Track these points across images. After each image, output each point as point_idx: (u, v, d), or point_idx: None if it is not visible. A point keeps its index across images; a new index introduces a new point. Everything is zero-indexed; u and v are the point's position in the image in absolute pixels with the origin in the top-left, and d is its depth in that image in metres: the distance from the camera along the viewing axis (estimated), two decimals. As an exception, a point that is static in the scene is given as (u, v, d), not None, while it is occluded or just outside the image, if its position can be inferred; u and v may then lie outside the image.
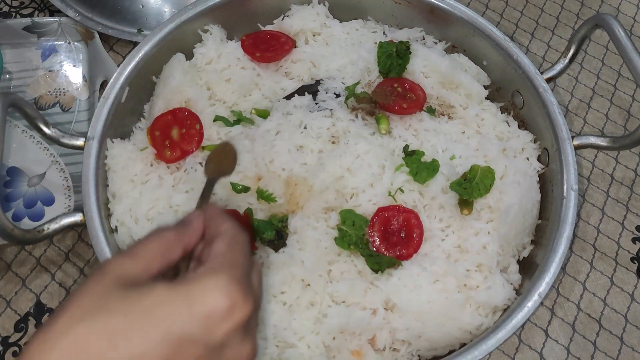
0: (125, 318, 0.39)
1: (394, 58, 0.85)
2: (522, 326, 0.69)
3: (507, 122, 0.86)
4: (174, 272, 0.50)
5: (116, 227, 0.76)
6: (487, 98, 0.88)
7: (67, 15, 0.99)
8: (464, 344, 0.71)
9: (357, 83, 0.85)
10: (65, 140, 0.76)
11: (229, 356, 0.43)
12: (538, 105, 0.83)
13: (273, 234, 0.72)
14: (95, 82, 0.98)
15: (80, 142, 0.77)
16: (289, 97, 0.84)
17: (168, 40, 0.86)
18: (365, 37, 0.91)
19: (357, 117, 0.81)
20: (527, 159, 0.83)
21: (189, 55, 0.88)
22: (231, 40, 0.91)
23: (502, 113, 0.88)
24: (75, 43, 1.01)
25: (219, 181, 0.75)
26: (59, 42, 1.01)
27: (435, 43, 0.92)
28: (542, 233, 0.79)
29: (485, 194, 0.76)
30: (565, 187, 0.77)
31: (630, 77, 1.08)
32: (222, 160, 0.59)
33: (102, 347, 0.38)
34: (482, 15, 0.89)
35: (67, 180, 0.90)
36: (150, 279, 0.44)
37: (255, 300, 0.46)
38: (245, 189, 0.75)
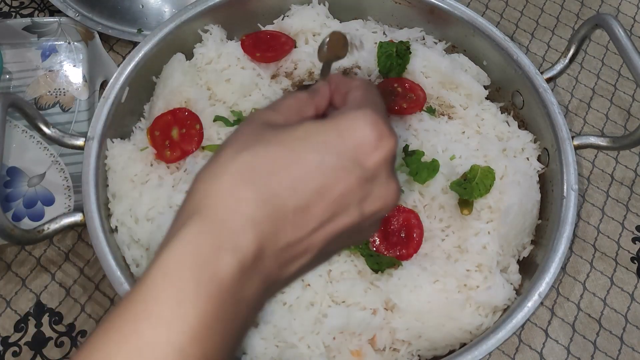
0: (282, 147, 0.41)
1: (394, 58, 0.85)
2: (522, 326, 0.69)
3: (507, 122, 0.86)
4: None
5: (116, 227, 0.76)
6: (487, 98, 0.88)
7: (67, 15, 0.99)
8: (464, 344, 0.71)
9: (357, 83, 0.85)
10: (65, 140, 0.76)
11: (377, 193, 0.43)
12: (538, 105, 0.83)
13: (273, 234, 0.72)
14: (95, 82, 0.97)
15: (80, 142, 0.77)
16: (289, 97, 0.84)
17: (168, 40, 0.86)
18: (365, 37, 0.91)
19: (357, 117, 0.81)
20: (527, 159, 0.83)
21: (189, 55, 0.88)
22: (231, 40, 0.91)
23: (502, 113, 0.88)
24: (75, 43, 1.01)
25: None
26: (59, 42, 1.01)
27: (435, 43, 0.92)
28: (542, 233, 0.79)
29: (485, 194, 0.75)
30: (565, 187, 0.77)
31: (630, 77, 1.08)
32: (334, 45, 0.58)
33: (266, 171, 0.40)
34: (482, 15, 0.89)
35: (67, 180, 0.90)
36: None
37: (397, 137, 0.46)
38: (245, 189, 0.74)
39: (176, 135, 0.79)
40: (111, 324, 0.36)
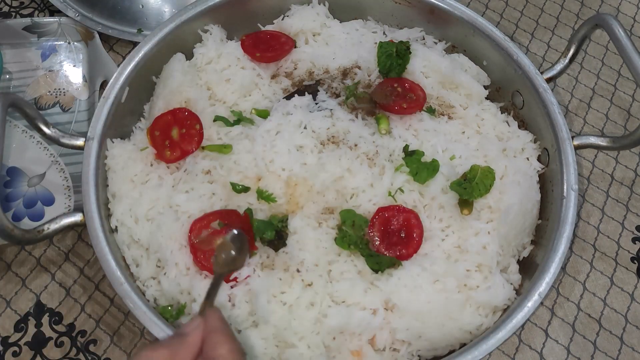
0: None
1: (394, 58, 0.85)
2: (522, 326, 0.69)
3: (507, 122, 0.86)
4: None
5: (116, 227, 0.76)
6: (487, 98, 0.88)
7: (67, 15, 0.99)
8: (464, 344, 0.71)
9: (357, 83, 0.85)
10: (65, 140, 0.76)
11: None
12: (538, 105, 0.83)
13: (273, 234, 0.72)
14: (95, 82, 0.98)
15: (80, 142, 0.77)
16: (289, 97, 0.84)
17: (168, 40, 0.86)
18: (365, 37, 0.91)
19: (357, 117, 0.81)
20: (527, 159, 0.83)
21: (189, 55, 0.88)
22: (231, 40, 0.91)
23: (502, 113, 0.88)
24: (75, 43, 1.01)
25: (218, 180, 0.75)
26: (59, 42, 1.01)
27: (435, 43, 0.92)
28: (542, 233, 0.79)
29: (485, 194, 0.76)
30: (565, 187, 0.77)
31: (630, 77, 1.08)
32: (231, 252, 0.55)
33: None
34: (482, 15, 0.89)
35: (67, 180, 0.90)
36: None
37: None
38: (245, 189, 0.74)
39: (176, 135, 0.79)
40: None
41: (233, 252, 0.55)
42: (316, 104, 0.83)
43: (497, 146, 0.81)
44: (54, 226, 0.71)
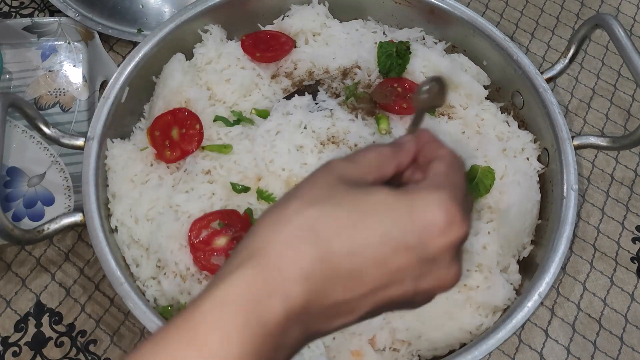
0: (351, 211, 0.41)
1: (394, 58, 0.85)
2: (522, 326, 0.69)
3: (507, 122, 0.86)
4: None
5: (116, 227, 0.76)
6: (487, 98, 0.88)
7: (67, 15, 0.99)
8: (464, 344, 0.71)
9: (358, 83, 0.85)
10: (65, 140, 0.76)
11: (436, 274, 0.43)
12: (538, 105, 0.83)
13: (273, 234, 0.72)
14: (95, 82, 0.98)
15: (80, 142, 0.77)
16: (289, 97, 0.84)
17: (168, 40, 0.86)
18: (365, 37, 0.91)
19: (357, 117, 0.81)
20: (527, 159, 0.83)
21: (189, 55, 0.88)
22: (231, 40, 0.91)
23: (502, 113, 0.88)
24: (75, 43, 1.01)
25: (218, 180, 0.75)
26: (59, 42, 1.01)
27: (435, 43, 0.92)
28: (542, 233, 0.79)
29: (485, 194, 0.76)
30: (565, 187, 0.77)
31: (630, 77, 1.08)
32: (434, 93, 0.55)
33: (329, 231, 0.40)
34: (482, 15, 0.89)
35: (67, 180, 0.90)
36: (368, 184, 0.46)
37: (470, 226, 0.46)
38: (245, 189, 0.75)
39: (176, 135, 0.79)
40: (159, 343, 0.37)
41: (437, 87, 0.54)
42: (316, 104, 0.83)
43: (497, 146, 0.81)
44: (54, 226, 0.71)
